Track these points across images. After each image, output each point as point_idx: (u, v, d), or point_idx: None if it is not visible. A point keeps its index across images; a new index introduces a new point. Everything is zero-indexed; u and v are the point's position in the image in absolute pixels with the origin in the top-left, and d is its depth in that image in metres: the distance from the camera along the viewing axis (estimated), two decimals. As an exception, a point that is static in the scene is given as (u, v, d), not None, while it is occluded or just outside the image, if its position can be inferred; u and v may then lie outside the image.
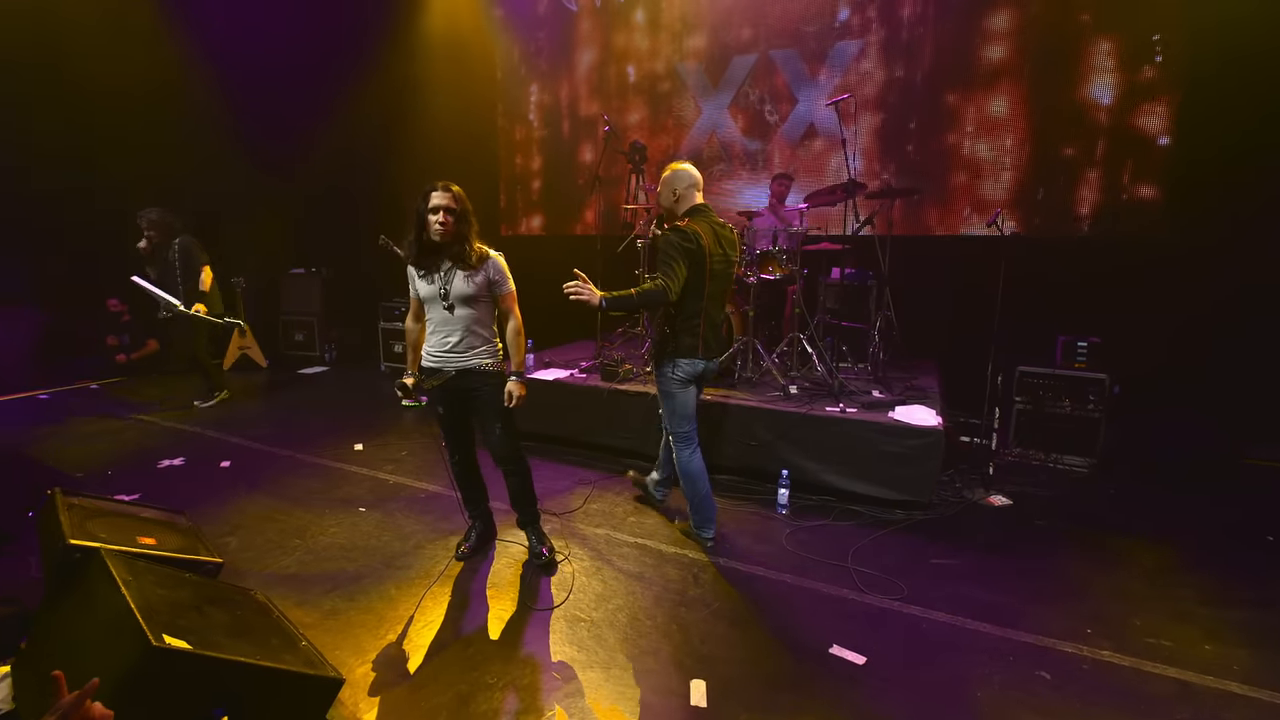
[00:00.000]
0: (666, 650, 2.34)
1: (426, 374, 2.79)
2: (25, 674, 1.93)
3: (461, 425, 2.91)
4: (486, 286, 2.67)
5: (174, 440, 4.70)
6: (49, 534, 2.42)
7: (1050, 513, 3.57)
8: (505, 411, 2.74)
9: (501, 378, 2.75)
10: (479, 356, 2.73)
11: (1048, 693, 2.13)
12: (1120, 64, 4.54)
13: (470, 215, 2.63)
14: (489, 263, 2.66)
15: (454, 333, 2.69)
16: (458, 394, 2.77)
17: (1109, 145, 4.65)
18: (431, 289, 2.67)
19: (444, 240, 2.58)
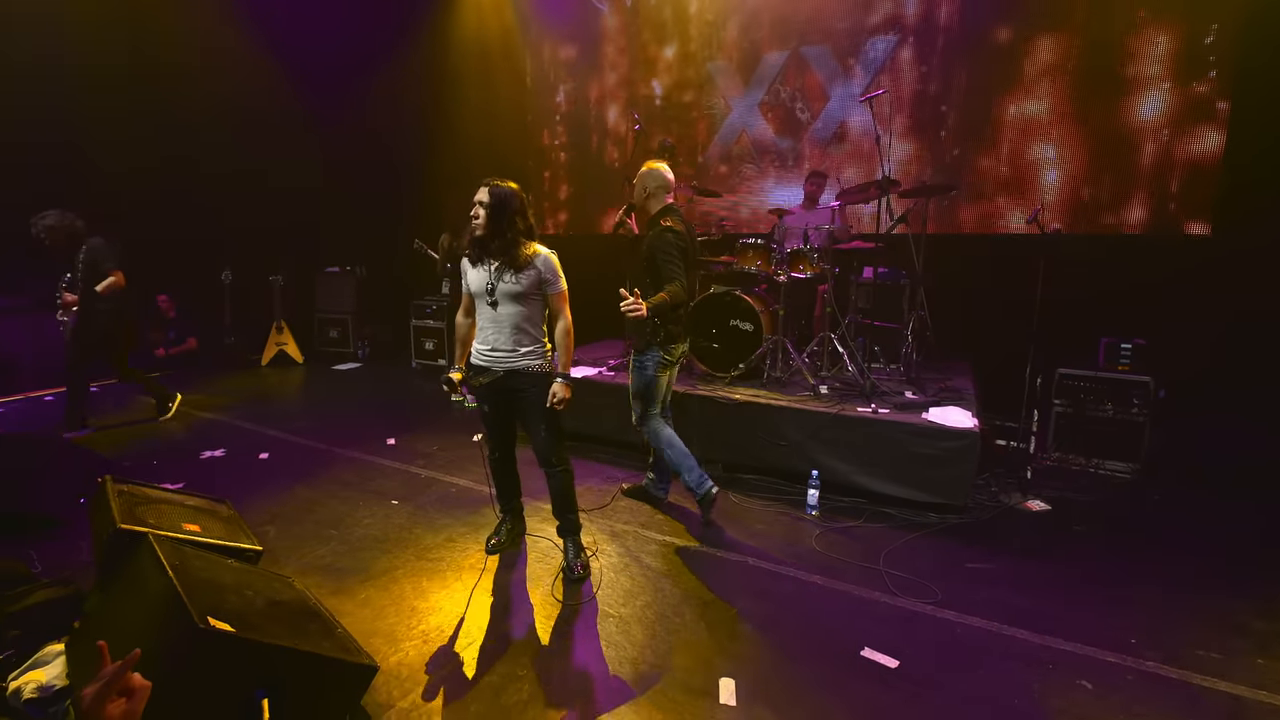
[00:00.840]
0: (694, 648, 2.33)
1: (474, 371, 2.78)
2: (78, 652, 2.01)
3: (504, 424, 2.91)
4: (537, 285, 2.63)
5: (215, 432, 4.85)
6: (100, 519, 2.52)
7: (1091, 519, 3.46)
8: (551, 413, 2.69)
9: (548, 379, 2.70)
10: (527, 358, 2.69)
11: (1090, 702, 2.07)
12: (1170, 58, 4.39)
13: (512, 213, 2.58)
14: (539, 260, 2.62)
15: (500, 331, 2.67)
16: (504, 394, 2.76)
17: (1156, 141, 4.49)
18: (480, 283, 2.66)
19: (483, 235, 2.60)
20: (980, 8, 4.90)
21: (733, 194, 5.99)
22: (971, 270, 4.95)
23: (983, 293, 4.90)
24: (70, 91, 6.11)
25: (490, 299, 2.64)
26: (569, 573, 2.81)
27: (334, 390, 6.37)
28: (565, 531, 2.90)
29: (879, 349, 4.65)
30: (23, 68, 5.81)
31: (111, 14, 6.26)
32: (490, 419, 2.88)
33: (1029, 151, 4.86)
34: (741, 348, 4.29)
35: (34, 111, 5.90)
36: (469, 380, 2.79)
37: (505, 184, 2.62)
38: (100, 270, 4.44)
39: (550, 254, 2.67)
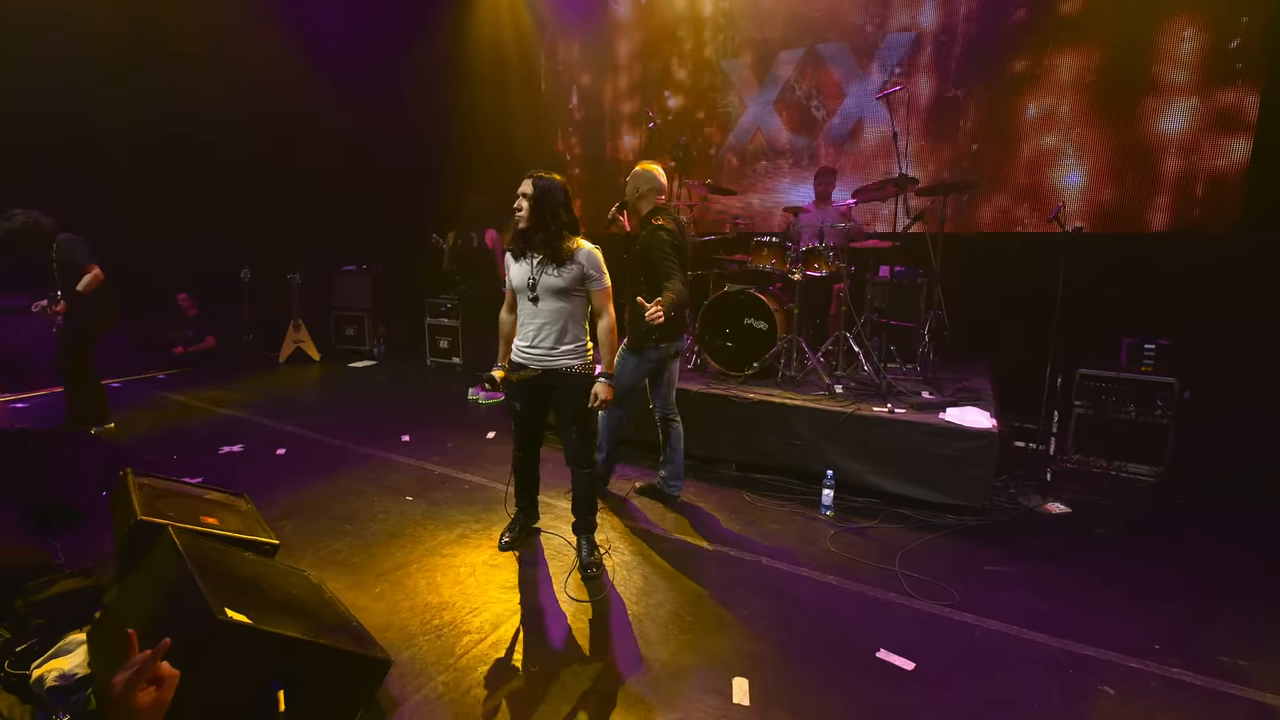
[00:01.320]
0: (708, 647, 2.32)
1: (512, 368, 2.72)
2: (99, 641, 2.04)
3: (535, 424, 2.88)
4: (579, 280, 2.58)
5: (234, 428, 4.91)
6: (121, 511, 2.56)
7: (1112, 522, 3.40)
8: (585, 415, 2.67)
9: (586, 380, 2.65)
10: (566, 357, 2.63)
11: (1112, 708, 2.03)
12: (1196, 54, 4.29)
13: (556, 205, 2.52)
14: (582, 254, 2.56)
15: (540, 327, 2.61)
16: (540, 393, 2.72)
17: (1180, 139, 4.39)
18: (522, 278, 2.61)
19: (525, 227, 2.55)
20: (1000, 4, 4.83)
21: (748, 192, 5.96)
22: (989, 269, 4.88)
23: (1000, 292, 4.82)
24: (87, 86, 6.21)
25: (531, 294, 2.59)
26: (583, 570, 2.81)
27: (350, 387, 6.43)
28: (581, 530, 2.89)
29: (895, 348, 4.60)
30: (36, 63, 5.90)
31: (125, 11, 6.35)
32: (521, 418, 2.84)
33: (1049, 149, 4.79)
34: (756, 347, 4.26)
35: (52, 108, 6.01)
36: (508, 377, 2.72)
37: (549, 175, 2.56)
38: (75, 267, 4.28)
39: (594, 249, 2.60)
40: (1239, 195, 4.30)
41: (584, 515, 2.87)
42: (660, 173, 3.25)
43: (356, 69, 7.53)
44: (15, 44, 5.79)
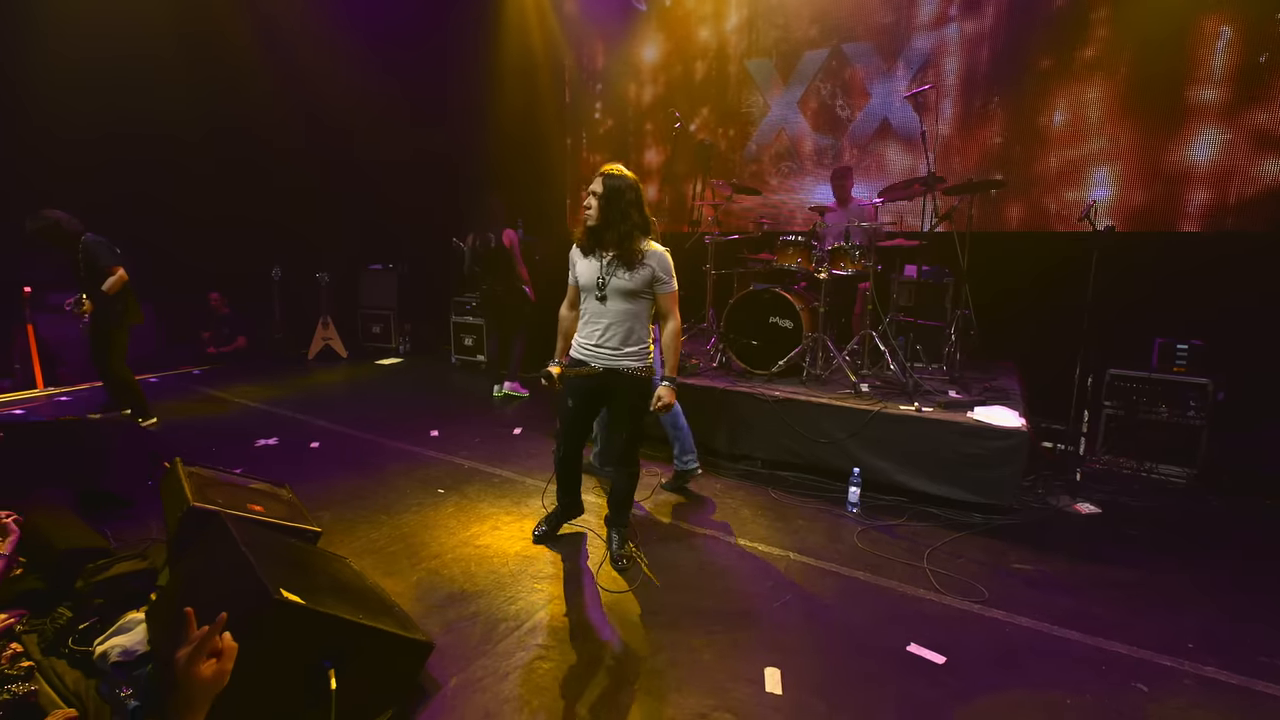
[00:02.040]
0: (740, 638, 2.35)
1: (571, 363, 2.71)
2: (157, 620, 2.13)
3: (585, 422, 2.85)
4: (648, 282, 2.56)
5: (268, 422, 5.04)
6: (172, 498, 2.66)
7: (1144, 523, 3.37)
8: (638, 417, 2.67)
9: (644, 383, 2.65)
10: (629, 358, 2.62)
11: (1146, 705, 2.03)
12: (1230, 47, 4.23)
13: (627, 204, 2.51)
14: (653, 257, 2.55)
15: (606, 327, 2.60)
16: (595, 392, 2.70)
17: (1216, 134, 4.33)
18: (591, 275, 2.60)
19: (595, 225, 2.54)
20: (1029, 3, 4.80)
21: (772, 192, 5.98)
22: (1016, 268, 4.85)
23: (1028, 292, 4.79)
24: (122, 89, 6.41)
25: (600, 293, 2.58)
26: (614, 562, 2.85)
27: (378, 383, 6.55)
28: (615, 524, 2.92)
29: (921, 348, 4.59)
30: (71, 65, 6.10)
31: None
32: (571, 414, 2.78)
33: (1078, 148, 4.75)
34: (781, 345, 4.29)
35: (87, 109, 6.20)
36: (565, 372, 2.70)
37: (621, 173, 2.55)
38: (100, 268, 4.38)
39: (665, 251, 2.59)
40: (1277, 194, 4.23)
41: (621, 511, 2.91)
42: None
43: (387, 76, 7.64)
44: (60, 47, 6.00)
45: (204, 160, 7.10)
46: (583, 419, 2.83)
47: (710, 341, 4.96)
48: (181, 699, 1.09)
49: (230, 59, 7.06)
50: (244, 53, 7.12)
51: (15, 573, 2.53)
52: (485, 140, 7.61)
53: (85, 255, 4.42)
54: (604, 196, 2.51)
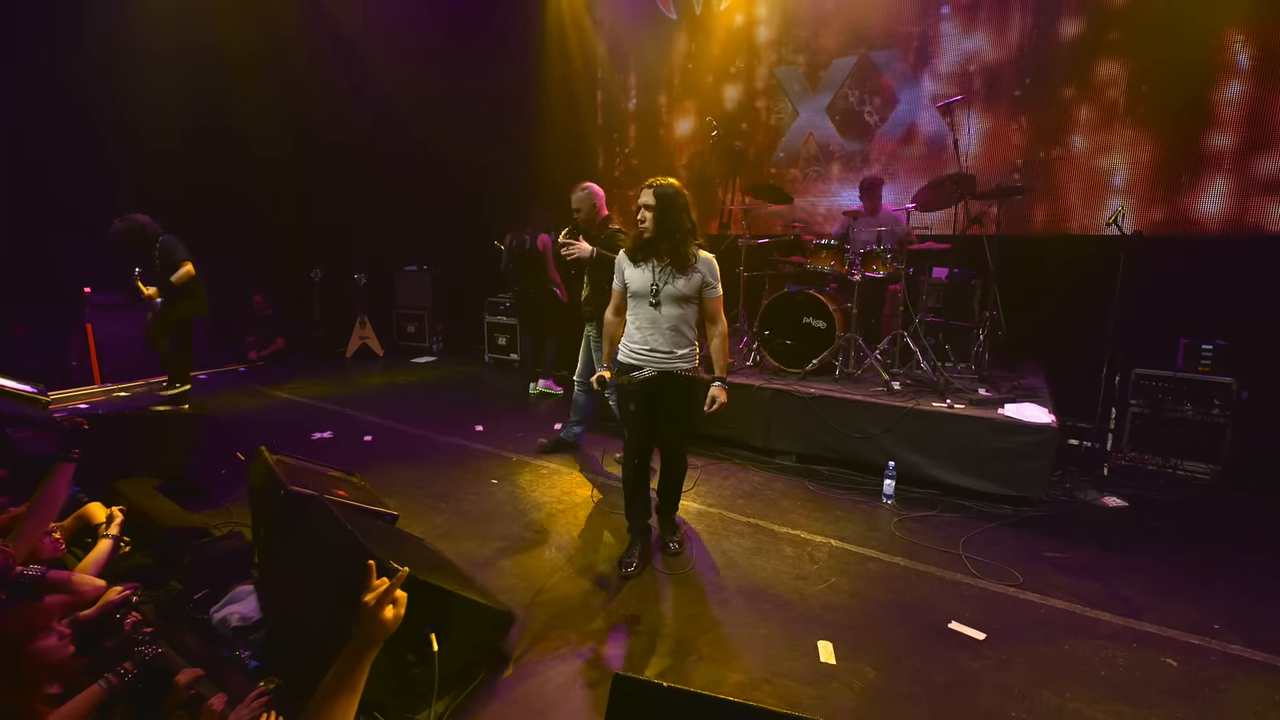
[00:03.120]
0: (791, 615, 2.54)
1: (621, 369, 2.78)
2: (265, 591, 2.36)
3: (650, 423, 2.84)
4: (698, 288, 2.67)
5: (319, 417, 5.28)
6: (264, 483, 2.88)
7: (1169, 516, 3.51)
8: (689, 414, 2.80)
9: (696, 382, 2.75)
10: (681, 360, 2.71)
11: (1175, 677, 2.19)
12: (1251, 55, 4.34)
13: (679, 212, 2.61)
14: (702, 263, 2.66)
15: (659, 331, 2.68)
16: (652, 394, 2.76)
17: (1236, 138, 4.44)
18: (643, 283, 2.68)
19: (650, 236, 2.64)
20: (1052, 11, 4.93)
21: (799, 195, 6.13)
22: (1042, 271, 4.97)
23: (1054, 294, 4.92)
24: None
25: (653, 300, 2.66)
26: (664, 549, 3.03)
27: (416, 381, 6.78)
28: (666, 511, 3.08)
29: (949, 348, 4.73)
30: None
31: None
32: (636, 418, 2.81)
33: (1105, 152, 4.87)
34: (814, 344, 4.46)
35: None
36: (617, 378, 2.80)
37: (669, 182, 2.65)
38: (174, 263, 4.98)
39: (711, 257, 2.70)
40: (1300, 198, 4.33)
41: (671, 499, 3.06)
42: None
43: (429, 85, 7.85)
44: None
45: (252, 167, 7.40)
46: (648, 420, 2.82)
47: (743, 341, 5.13)
48: (366, 637, 1.30)
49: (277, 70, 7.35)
50: (289, 65, 7.40)
51: (124, 550, 2.76)
52: (521, 145, 7.79)
53: (162, 253, 5.01)
54: (657, 208, 2.60)
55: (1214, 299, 4.40)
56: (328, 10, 7.51)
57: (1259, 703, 2.07)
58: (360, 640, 1.30)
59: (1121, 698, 2.09)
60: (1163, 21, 4.58)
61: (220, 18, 7.03)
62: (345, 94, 7.76)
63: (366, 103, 7.88)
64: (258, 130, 7.40)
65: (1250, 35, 4.34)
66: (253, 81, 7.29)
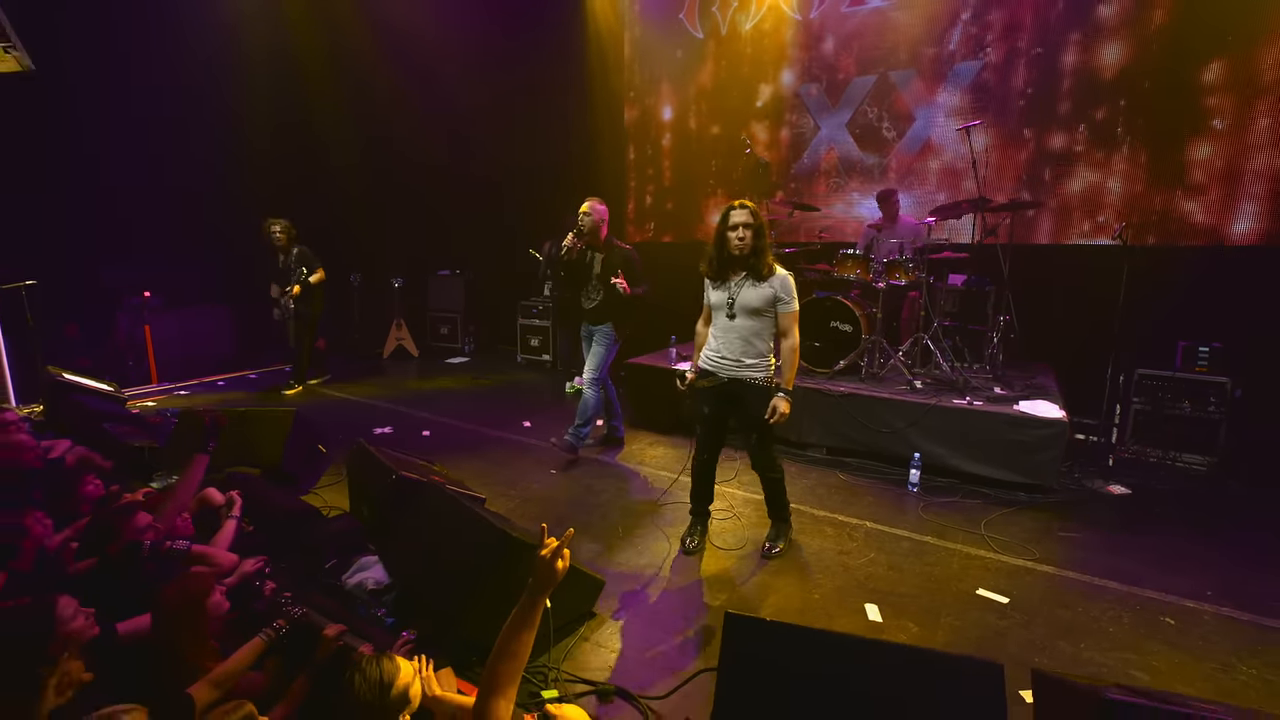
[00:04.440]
0: (839, 584, 2.92)
1: (701, 374, 3.05)
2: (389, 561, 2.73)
3: (719, 427, 3.08)
4: (771, 302, 2.86)
5: (372, 413, 5.66)
6: (369, 471, 3.25)
7: (1169, 503, 3.88)
8: (764, 422, 2.88)
9: (767, 391, 2.91)
10: (750, 369, 2.92)
11: (1173, 632, 2.57)
12: (1228, 82, 4.71)
13: (765, 230, 2.85)
14: (777, 280, 2.86)
15: (731, 341, 2.92)
16: (724, 398, 3.00)
17: (1225, 157, 4.80)
18: (720, 297, 2.95)
19: (742, 254, 2.84)
20: (1057, 32, 5.30)
21: (822, 204, 6.50)
22: (1051, 278, 5.35)
23: (1062, 299, 5.29)
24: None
25: (729, 311, 2.90)
26: (764, 552, 3.16)
27: (455, 379, 7.15)
28: (777, 519, 3.26)
29: (966, 349, 5.11)
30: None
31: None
32: (707, 421, 3.07)
33: (1106, 168, 5.24)
34: (840, 347, 4.83)
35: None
36: (695, 382, 3.07)
37: (751, 203, 2.87)
38: (314, 266, 6.22)
39: (788, 275, 2.88)
40: None
41: (778, 510, 3.22)
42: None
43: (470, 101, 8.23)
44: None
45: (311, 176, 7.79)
46: (718, 425, 3.08)
47: (772, 343, 5.50)
48: (541, 584, 1.66)
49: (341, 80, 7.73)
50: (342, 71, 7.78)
51: (247, 529, 3.14)
52: (554, 156, 8.12)
53: (301, 256, 6.19)
54: (755, 228, 2.83)
55: (1211, 304, 4.77)
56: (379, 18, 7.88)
57: (1242, 651, 2.44)
58: (536, 586, 1.67)
59: (1127, 648, 2.46)
60: (1156, 54, 4.95)
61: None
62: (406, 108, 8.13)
63: (412, 116, 8.25)
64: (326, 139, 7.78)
65: (1226, 65, 4.71)
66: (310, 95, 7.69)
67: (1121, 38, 5.09)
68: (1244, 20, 4.64)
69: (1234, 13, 4.67)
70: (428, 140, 8.37)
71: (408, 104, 8.20)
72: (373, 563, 2.76)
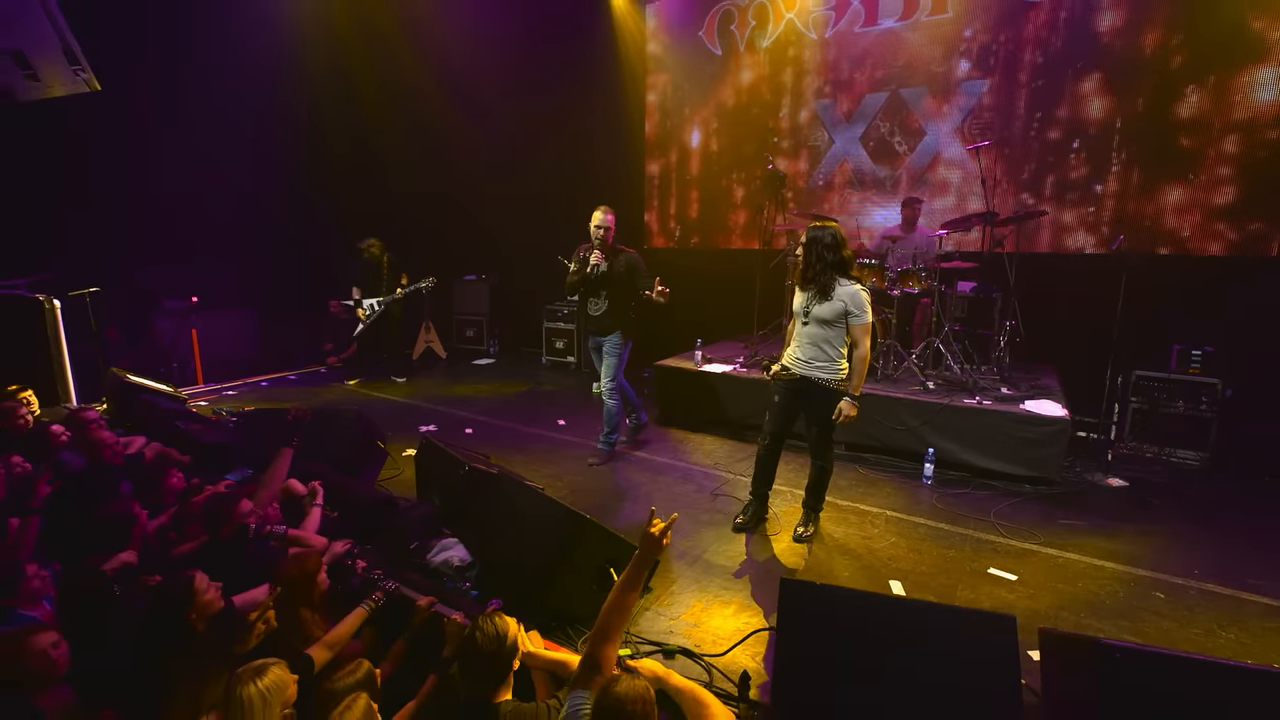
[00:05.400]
0: (865, 564, 3.26)
1: (781, 369, 3.44)
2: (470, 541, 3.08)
3: (787, 417, 3.43)
4: (841, 314, 3.15)
5: (413, 412, 6.02)
6: (439, 464, 3.62)
7: (1164, 494, 4.22)
8: (826, 419, 3.22)
9: (833, 393, 3.21)
10: (818, 370, 3.26)
11: (1162, 604, 2.91)
12: (1212, 106, 5.06)
13: (823, 250, 3.16)
14: (846, 294, 3.14)
15: (804, 344, 3.29)
16: (794, 393, 3.37)
17: (1212, 172, 5.14)
18: (800, 305, 3.32)
19: (802, 269, 3.27)
20: (1058, 55, 5.64)
21: (835, 213, 6.85)
22: (1056, 285, 5.69)
23: (1065, 305, 5.63)
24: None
25: (805, 319, 3.28)
26: (797, 536, 3.52)
27: (485, 381, 7.49)
28: (810, 506, 3.60)
29: (974, 352, 5.45)
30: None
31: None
32: (776, 409, 3.47)
33: (1103, 182, 5.58)
34: (857, 350, 5.17)
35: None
36: (777, 374, 3.46)
37: (822, 225, 3.21)
38: (396, 275, 7.10)
39: (860, 289, 3.13)
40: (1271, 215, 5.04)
41: (816, 497, 3.57)
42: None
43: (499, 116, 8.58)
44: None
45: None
46: (786, 415, 3.44)
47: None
48: (647, 555, 2.01)
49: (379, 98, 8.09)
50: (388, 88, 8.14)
51: (331, 516, 3.49)
52: (578, 166, 8.46)
53: (393, 264, 7.05)
54: (807, 248, 3.23)
55: (1205, 310, 5.11)
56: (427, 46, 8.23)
57: (1224, 619, 2.79)
58: (643, 556, 2.02)
59: (1121, 616, 2.81)
60: (1150, 77, 5.30)
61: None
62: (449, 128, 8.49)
63: (452, 135, 8.61)
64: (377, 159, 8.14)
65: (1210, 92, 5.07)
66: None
67: (1118, 61, 5.44)
68: (1227, 51, 5.00)
69: (1219, 42, 5.02)
70: (464, 156, 8.72)
71: (450, 125, 8.56)
72: (453, 544, 3.11)
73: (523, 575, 2.79)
